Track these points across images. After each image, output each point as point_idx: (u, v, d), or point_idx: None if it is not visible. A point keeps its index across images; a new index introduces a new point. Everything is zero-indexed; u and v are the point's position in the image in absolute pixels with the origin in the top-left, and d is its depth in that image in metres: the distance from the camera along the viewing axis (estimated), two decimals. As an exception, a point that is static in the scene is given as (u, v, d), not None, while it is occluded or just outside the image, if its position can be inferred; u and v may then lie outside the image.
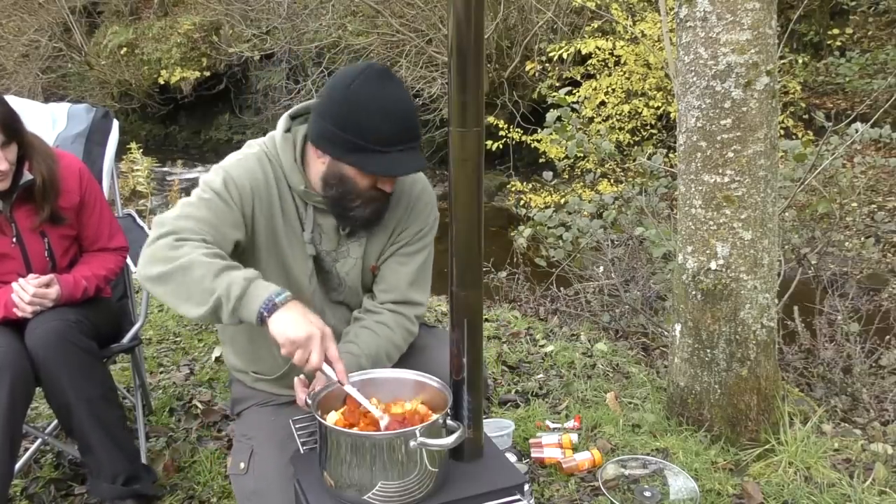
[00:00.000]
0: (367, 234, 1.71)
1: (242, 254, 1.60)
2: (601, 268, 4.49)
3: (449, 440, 1.31)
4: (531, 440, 2.36)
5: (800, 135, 7.36)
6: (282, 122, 1.67)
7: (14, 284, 1.88)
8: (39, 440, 2.10)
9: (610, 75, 8.19)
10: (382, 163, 1.52)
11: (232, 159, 1.63)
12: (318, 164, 1.60)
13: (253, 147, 1.66)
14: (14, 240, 1.96)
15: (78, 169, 2.05)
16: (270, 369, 1.75)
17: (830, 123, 3.56)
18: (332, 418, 1.39)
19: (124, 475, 1.93)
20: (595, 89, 8.18)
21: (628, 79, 8.08)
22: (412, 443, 1.28)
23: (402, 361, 1.72)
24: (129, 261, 2.31)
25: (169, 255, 1.40)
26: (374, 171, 1.54)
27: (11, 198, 1.93)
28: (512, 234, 5.03)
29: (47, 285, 1.91)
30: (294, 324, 1.32)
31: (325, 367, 1.35)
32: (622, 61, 8.04)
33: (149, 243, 1.45)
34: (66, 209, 2.01)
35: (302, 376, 1.50)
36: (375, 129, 1.50)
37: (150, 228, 2.53)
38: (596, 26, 8.24)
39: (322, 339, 1.34)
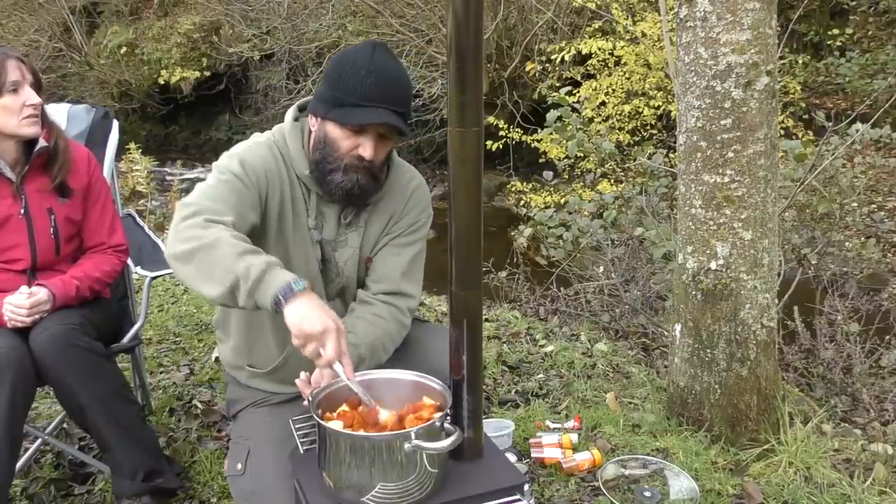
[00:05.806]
0: (365, 224, 1.73)
1: (253, 238, 1.59)
2: (601, 268, 4.49)
3: (445, 443, 1.31)
4: (531, 440, 2.36)
5: (800, 135, 7.35)
6: (290, 112, 1.72)
7: (6, 306, 1.85)
8: (39, 440, 2.10)
9: (610, 75, 8.19)
10: (358, 114, 1.55)
11: (243, 146, 1.66)
12: (313, 136, 1.65)
13: (260, 137, 1.70)
14: (22, 212, 1.96)
15: (86, 154, 2.11)
16: (265, 362, 1.75)
17: (830, 123, 3.56)
18: (332, 420, 1.39)
19: (144, 470, 1.92)
20: (595, 89, 8.18)
21: (628, 79, 8.07)
22: (407, 445, 1.27)
23: (397, 354, 1.72)
24: (129, 261, 2.31)
25: (196, 234, 1.41)
26: (349, 120, 1.56)
27: (24, 168, 1.95)
28: (512, 234, 5.03)
29: (35, 293, 1.87)
30: (310, 316, 1.31)
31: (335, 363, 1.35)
32: (622, 61, 8.04)
33: (175, 223, 1.46)
34: (74, 189, 2.04)
35: (304, 374, 1.50)
36: (358, 84, 1.54)
37: (150, 229, 2.56)
38: (596, 26, 8.23)
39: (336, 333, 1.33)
